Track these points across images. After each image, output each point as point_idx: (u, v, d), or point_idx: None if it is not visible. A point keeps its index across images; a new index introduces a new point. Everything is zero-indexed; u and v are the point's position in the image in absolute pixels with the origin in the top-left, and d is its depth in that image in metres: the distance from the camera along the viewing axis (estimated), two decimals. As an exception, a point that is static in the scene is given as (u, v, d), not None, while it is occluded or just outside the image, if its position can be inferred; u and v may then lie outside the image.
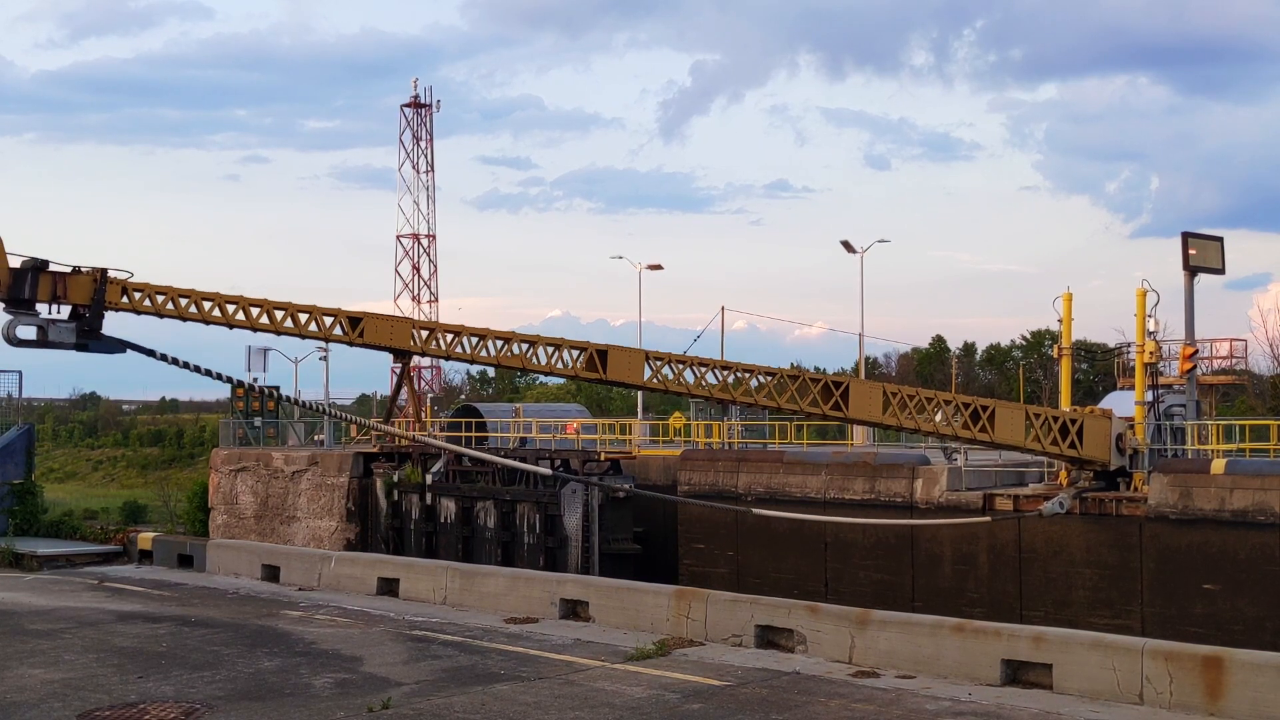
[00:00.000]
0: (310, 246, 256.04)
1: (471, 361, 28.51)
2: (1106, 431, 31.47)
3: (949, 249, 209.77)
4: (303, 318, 26.46)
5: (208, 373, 23.90)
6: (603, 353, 28.41)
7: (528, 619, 24.77)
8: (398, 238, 79.49)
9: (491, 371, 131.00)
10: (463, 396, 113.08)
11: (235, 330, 26.08)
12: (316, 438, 59.22)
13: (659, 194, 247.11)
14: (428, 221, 79.61)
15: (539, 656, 20.89)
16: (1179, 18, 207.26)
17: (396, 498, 48.29)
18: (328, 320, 26.66)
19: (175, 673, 19.95)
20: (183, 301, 24.97)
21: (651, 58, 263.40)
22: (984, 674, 18.45)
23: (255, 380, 60.86)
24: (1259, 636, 27.16)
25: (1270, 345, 73.67)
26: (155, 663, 20.82)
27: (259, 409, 59.32)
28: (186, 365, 23.59)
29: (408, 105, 79.13)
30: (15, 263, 22.13)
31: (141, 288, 24.23)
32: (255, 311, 25.89)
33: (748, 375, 29.90)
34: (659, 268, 66.23)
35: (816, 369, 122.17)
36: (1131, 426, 32.22)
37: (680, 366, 29.30)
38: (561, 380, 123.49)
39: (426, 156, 79.14)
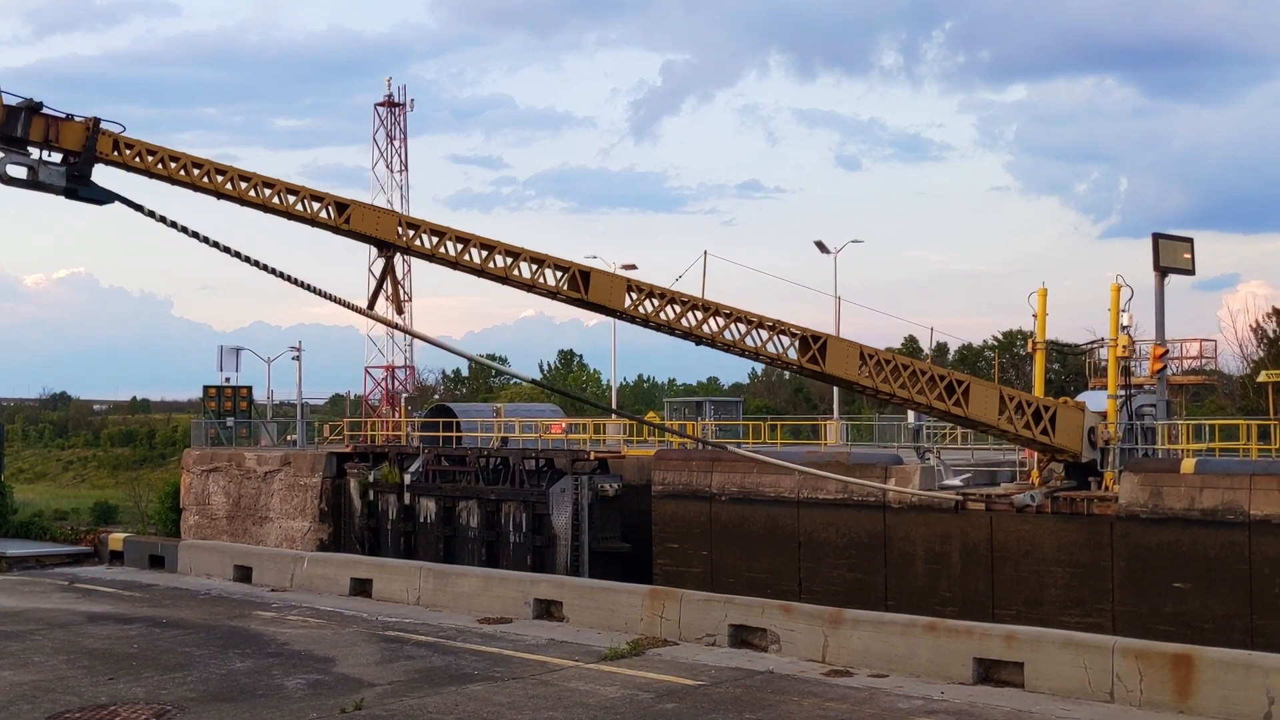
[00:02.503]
0: (281, 245, 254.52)
1: (454, 266, 28.01)
2: (1079, 423, 31.59)
3: (921, 249, 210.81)
4: (290, 198, 26.01)
5: (194, 234, 23.66)
6: (585, 274, 28.17)
7: (501, 619, 24.72)
8: (371, 237, 79.19)
9: (465, 371, 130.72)
10: (436, 396, 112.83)
11: (223, 202, 25.58)
12: (289, 438, 58.98)
13: (631, 194, 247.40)
14: (402, 221, 79.38)
15: (513, 657, 20.85)
16: (1145, 20, 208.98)
17: (372, 498, 48.12)
18: (315, 204, 26.30)
19: (146, 674, 19.83)
20: (173, 164, 24.64)
21: (621, 57, 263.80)
22: (956, 672, 18.52)
23: (228, 379, 60.61)
24: (1228, 634, 27.38)
25: (1239, 345, 74.23)
26: (126, 664, 20.68)
27: (231, 409, 59.03)
28: (174, 224, 23.48)
29: (381, 104, 78.73)
30: (10, 101, 22.20)
31: (134, 144, 24.10)
32: (244, 185, 25.54)
33: (726, 318, 29.62)
34: (633, 268, 66.05)
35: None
36: (1104, 419, 32.40)
37: (660, 300, 29.11)
38: (536, 378, 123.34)
39: (400, 156, 78.91)
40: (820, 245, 58.47)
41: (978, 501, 32.69)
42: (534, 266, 28.04)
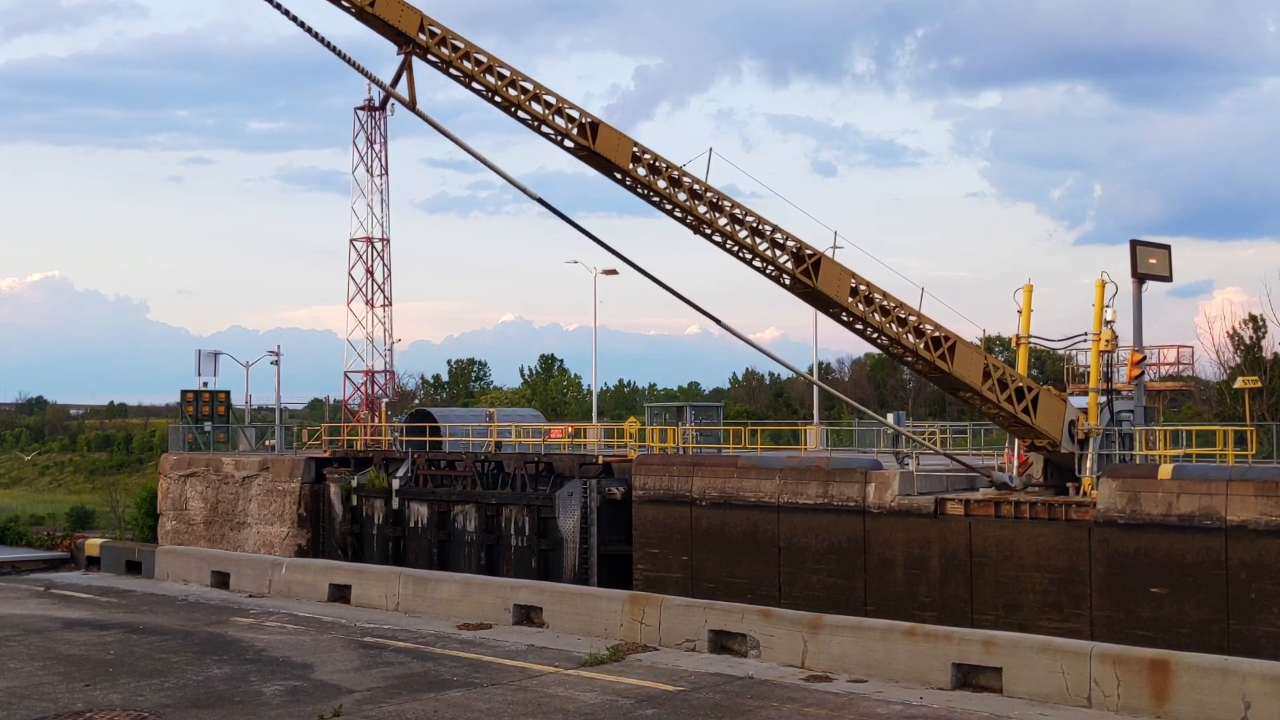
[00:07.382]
0: (258, 248, 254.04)
1: (468, 82, 27.68)
2: (1060, 411, 31.73)
3: (897, 255, 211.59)
4: None
5: None
6: (595, 125, 28.15)
7: (481, 625, 24.66)
8: (351, 241, 79.06)
9: (445, 376, 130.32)
10: (416, 401, 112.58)
11: None
12: (268, 443, 58.76)
13: (609, 199, 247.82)
14: (381, 225, 79.25)
15: (492, 663, 20.80)
16: (1116, 27, 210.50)
17: (356, 503, 47.92)
18: None
19: (123, 681, 19.71)
20: None
21: (595, 61, 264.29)
22: (935, 678, 18.57)
23: (205, 384, 60.33)
24: (1204, 639, 27.55)
25: (1216, 352, 74.74)
26: (103, 671, 20.56)
27: (209, 414, 58.76)
28: None
29: (361, 108, 78.62)
30: None
31: None
32: None
33: (725, 212, 29.36)
34: (614, 273, 66.26)
35: (771, 374, 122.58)
36: (1084, 413, 32.52)
37: (659, 172, 28.88)
38: (517, 385, 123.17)
39: (381, 160, 78.78)
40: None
41: (957, 504, 32.80)
42: (547, 109, 27.94)
